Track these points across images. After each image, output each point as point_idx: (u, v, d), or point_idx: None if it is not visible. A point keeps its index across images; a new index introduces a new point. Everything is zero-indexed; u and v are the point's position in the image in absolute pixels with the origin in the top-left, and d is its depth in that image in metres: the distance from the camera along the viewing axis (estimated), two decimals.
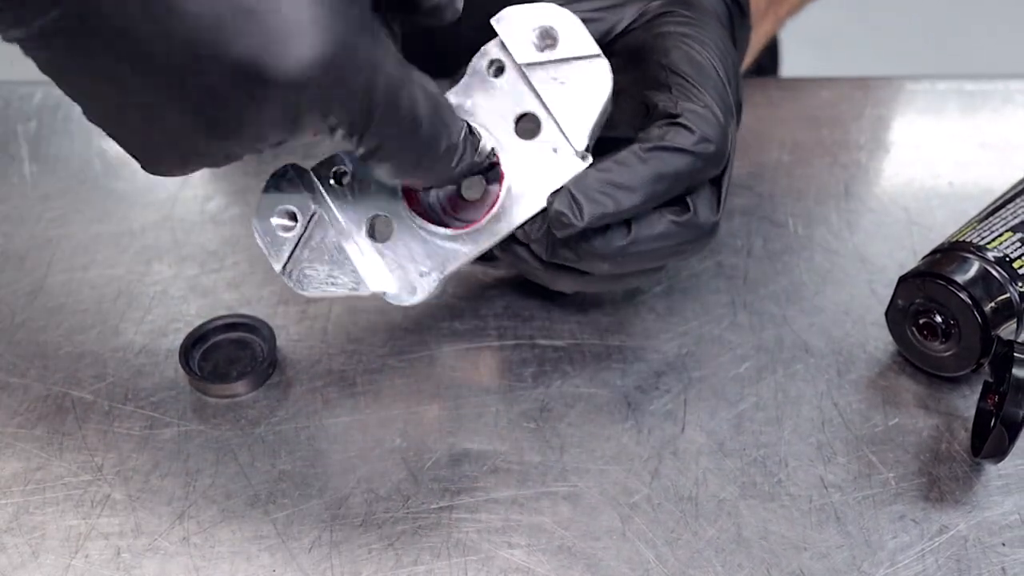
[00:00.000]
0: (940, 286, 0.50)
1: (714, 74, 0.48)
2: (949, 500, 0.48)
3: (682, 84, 0.48)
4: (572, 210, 0.46)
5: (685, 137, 0.46)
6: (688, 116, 0.47)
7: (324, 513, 0.48)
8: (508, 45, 0.48)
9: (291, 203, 0.49)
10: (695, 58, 0.48)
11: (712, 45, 0.49)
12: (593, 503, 0.48)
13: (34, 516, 0.47)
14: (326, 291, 0.49)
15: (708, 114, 0.47)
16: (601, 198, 0.46)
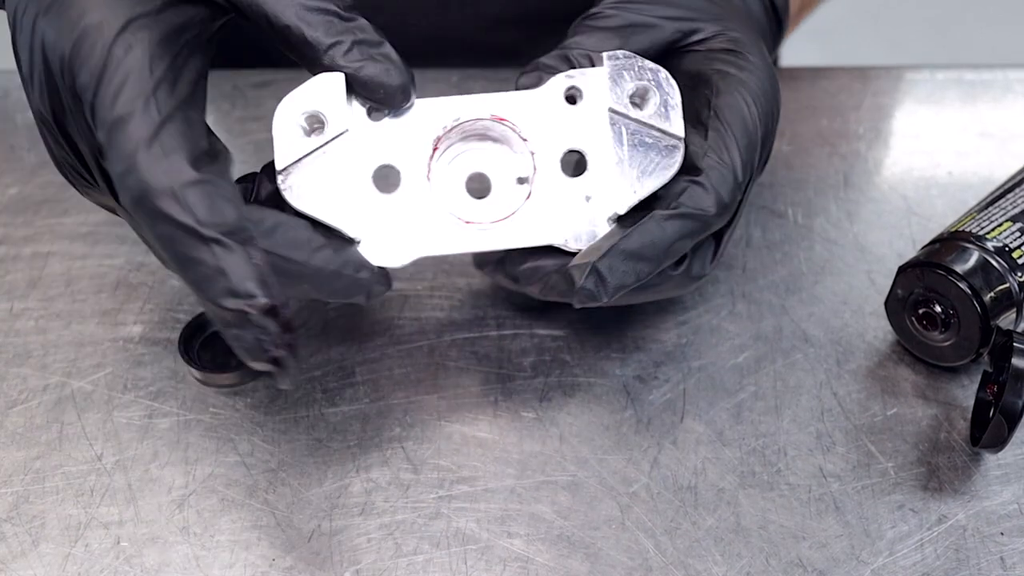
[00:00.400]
0: (939, 276, 0.50)
1: (751, 130, 0.48)
2: (948, 490, 0.48)
3: (718, 132, 0.47)
4: (598, 287, 0.46)
5: (703, 199, 0.46)
6: (710, 174, 0.47)
7: (324, 502, 0.48)
8: (604, 84, 0.47)
9: (326, 110, 0.46)
10: (741, 110, 0.48)
11: (762, 97, 0.49)
12: (592, 492, 0.48)
13: (34, 505, 0.47)
14: (312, 212, 0.46)
15: (728, 174, 0.47)
16: (624, 274, 0.46)
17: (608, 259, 0.46)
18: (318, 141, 0.46)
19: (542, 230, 0.47)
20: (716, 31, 0.51)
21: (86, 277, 0.57)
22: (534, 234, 0.47)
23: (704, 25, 0.51)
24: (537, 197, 0.47)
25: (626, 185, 0.47)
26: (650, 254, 0.46)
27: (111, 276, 0.57)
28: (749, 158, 0.48)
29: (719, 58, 0.50)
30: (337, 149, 0.46)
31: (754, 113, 0.48)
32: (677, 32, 0.50)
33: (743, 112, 0.48)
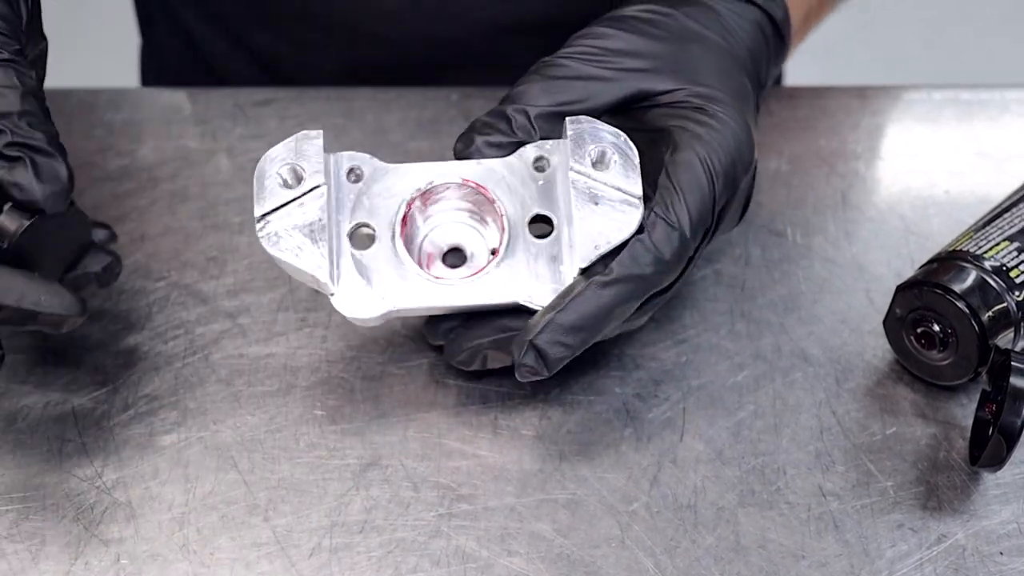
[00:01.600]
0: (937, 295, 0.51)
1: (704, 185, 0.48)
2: (947, 509, 0.48)
3: (667, 189, 0.48)
4: (538, 363, 0.47)
5: (641, 257, 0.47)
6: (652, 231, 0.48)
7: (324, 520, 0.48)
8: (567, 149, 0.49)
9: (304, 164, 0.49)
10: (694, 166, 0.49)
11: (722, 152, 0.49)
12: (592, 511, 0.48)
13: (34, 522, 0.47)
14: (288, 260, 0.48)
15: (673, 232, 0.48)
16: (564, 347, 0.47)
17: (546, 334, 0.47)
18: (295, 192, 0.49)
19: (509, 288, 0.49)
20: (679, 85, 0.51)
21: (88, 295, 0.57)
22: (501, 292, 0.49)
23: (668, 79, 0.51)
24: (505, 257, 0.50)
25: (587, 241, 0.49)
26: (588, 324, 0.48)
27: (112, 293, 0.57)
28: (701, 214, 0.48)
29: (682, 114, 0.51)
30: (314, 202, 0.49)
31: (711, 169, 0.49)
32: (633, 88, 0.51)
33: (696, 169, 0.49)
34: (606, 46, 0.52)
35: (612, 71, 0.51)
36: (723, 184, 0.49)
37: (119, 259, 0.53)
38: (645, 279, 0.48)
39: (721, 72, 0.52)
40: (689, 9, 0.54)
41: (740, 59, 0.54)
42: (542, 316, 0.48)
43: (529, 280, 0.49)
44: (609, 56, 0.52)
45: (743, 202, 0.52)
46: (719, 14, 0.54)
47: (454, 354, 0.51)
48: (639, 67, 0.51)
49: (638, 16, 0.53)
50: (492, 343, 0.50)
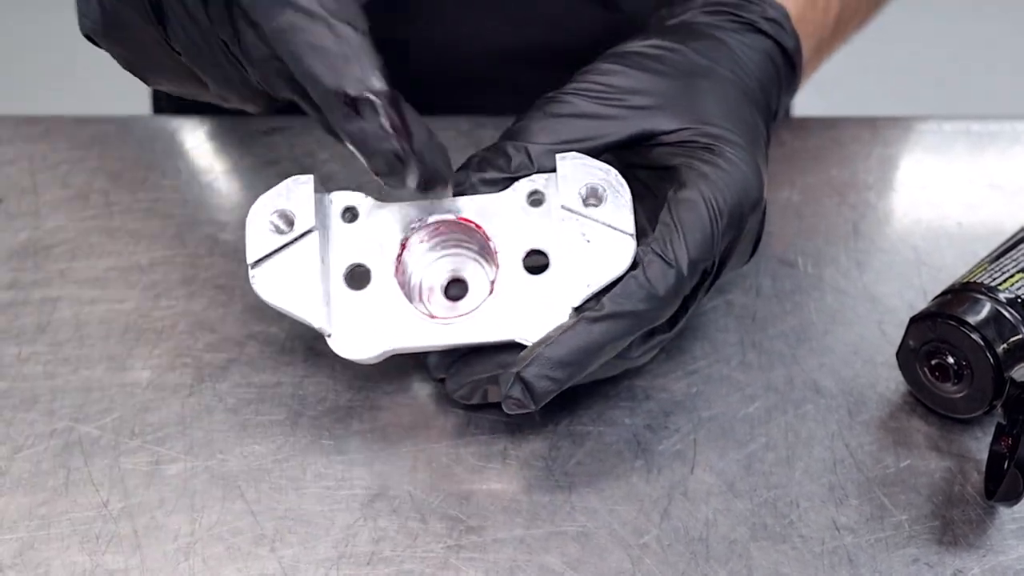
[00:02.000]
0: (952, 327, 0.50)
1: (707, 223, 0.48)
2: (963, 544, 0.48)
3: (667, 225, 0.48)
4: (524, 396, 0.47)
5: (634, 294, 0.47)
6: (648, 268, 0.47)
7: (331, 552, 0.47)
8: (558, 185, 0.49)
9: (295, 209, 0.49)
10: (697, 204, 0.48)
11: (728, 191, 0.49)
12: (602, 543, 0.48)
13: (39, 552, 0.47)
14: (281, 305, 0.49)
15: (669, 270, 0.47)
16: (551, 382, 0.47)
17: (533, 368, 0.47)
18: (286, 238, 0.49)
19: (504, 326, 0.49)
20: (687, 124, 0.50)
21: (95, 322, 0.57)
22: (496, 330, 0.49)
23: (675, 118, 0.50)
24: (500, 294, 0.50)
25: (579, 279, 0.48)
26: (577, 359, 0.47)
27: (120, 321, 0.57)
28: (700, 253, 0.48)
29: (689, 152, 0.50)
30: (306, 247, 0.49)
31: (715, 208, 0.48)
32: (639, 128, 0.51)
33: (699, 207, 0.48)
34: (611, 83, 0.51)
35: (617, 109, 0.51)
36: (727, 223, 0.49)
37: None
38: (637, 315, 0.47)
39: (730, 109, 0.52)
40: (697, 44, 0.53)
41: (750, 92, 0.53)
42: (531, 349, 0.48)
43: (524, 317, 0.49)
44: (614, 94, 0.51)
45: (752, 241, 0.52)
46: (729, 47, 0.54)
47: (454, 389, 0.51)
48: (645, 105, 0.51)
49: (644, 52, 0.53)
50: (491, 378, 0.50)
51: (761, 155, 0.52)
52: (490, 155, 0.51)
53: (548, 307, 0.49)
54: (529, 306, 0.49)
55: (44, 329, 0.56)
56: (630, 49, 0.53)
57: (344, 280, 0.50)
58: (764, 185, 0.51)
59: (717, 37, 0.54)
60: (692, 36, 0.54)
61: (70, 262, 0.60)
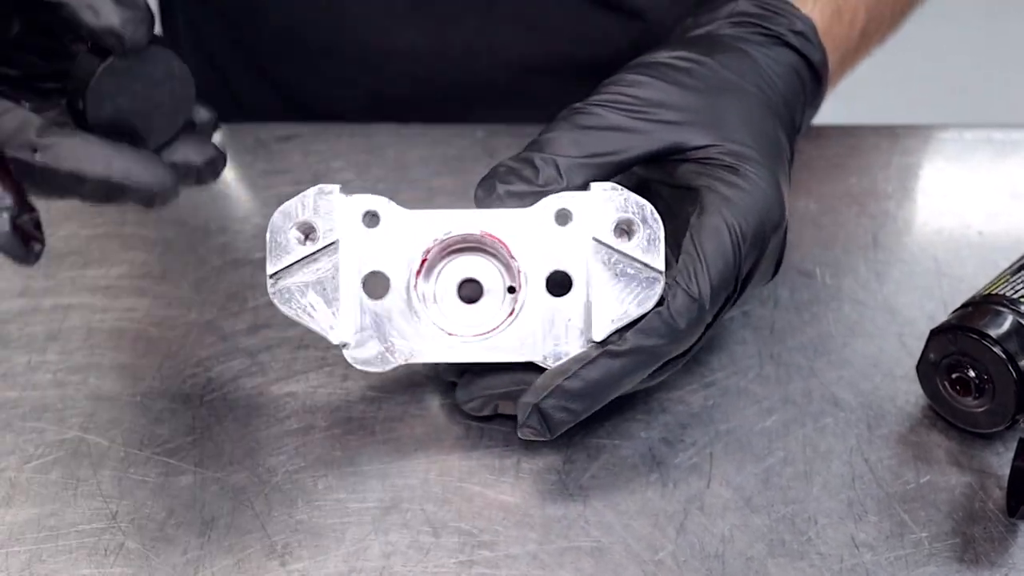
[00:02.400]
0: (973, 340, 0.49)
1: (728, 254, 0.47)
2: (984, 562, 0.47)
3: (690, 256, 0.47)
4: (541, 426, 0.47)
5: (657, 330, 0.47)
6: (672, 303, 0.47)
7: (342, 565, 0.47)
8: (591, 212, 0.48)
9: (319, 221, 0.48)
10: (720, 232, 0.47)
11: (751, 216, 0.48)
12: (617, 559, 0.47)
13: (47, 564, 0.47)
14: (299, 317, 0.49)
15: (692, 304, 0.47)
16: (568, 412, 0.47)
17: (552, 399, 0.47)
18: (308, 249, 0.48)
19: (522, 346, 0.49)
20: (712, 141, 0.50)
21: (105, 331, 0.56)
22: (514, 350, 0.49)
23: (701, 134, 0.50)
24: (521, 314, 0.49)
25: (604, 314, 0.48)
26: (595, 392, 0.47)
27: (131, 330, 0.56)
28: (723, 283, 0.47)
29: (712, 173, 0.49)
30: (327, 260, 0.48)
31: (737, 234, 0.48)
32: (665, 142, 0.50)
33: (722, 235, 0.47)
34: (639, 95, 0.50)
35: (645, 122, 0.50)
36: (749, 248, 0.48)
37: (224, 153, 0.48)
38: (658, 350, 0.47)
39: (755, 126, 0.51)
40: (724, 57, 0.53)
41: (775, 108, 0.52)
42: (550, 379, 0.47)
43: (542, 340, 0.49)
44: (642, 106, 0.50)
45: (774, 261, 0.51)
46: (755, 60, 0.53)
47: (466, 400, 0.50)
48: (672, 119, 0.50)
49: (672, 64, 0.52)
50: (504, 393, 0.49)
51: (783, 173, 0.51)
52: (517, 166, 0.49)
53: (568, 332, 0.48)
54: (549, 329, 0.49)
55: (55, 337, 0.56)
56: (657, 60, 0.52)
57: (362, 287, 0.49)
58: (786, 205, 0.50)
59: (743, 50, 0.53)
60: (718, 49, 0.53)
61: (81, 270, 0.60)
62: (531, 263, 0.49)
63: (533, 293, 0.49)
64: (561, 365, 0.48)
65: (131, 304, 0.57)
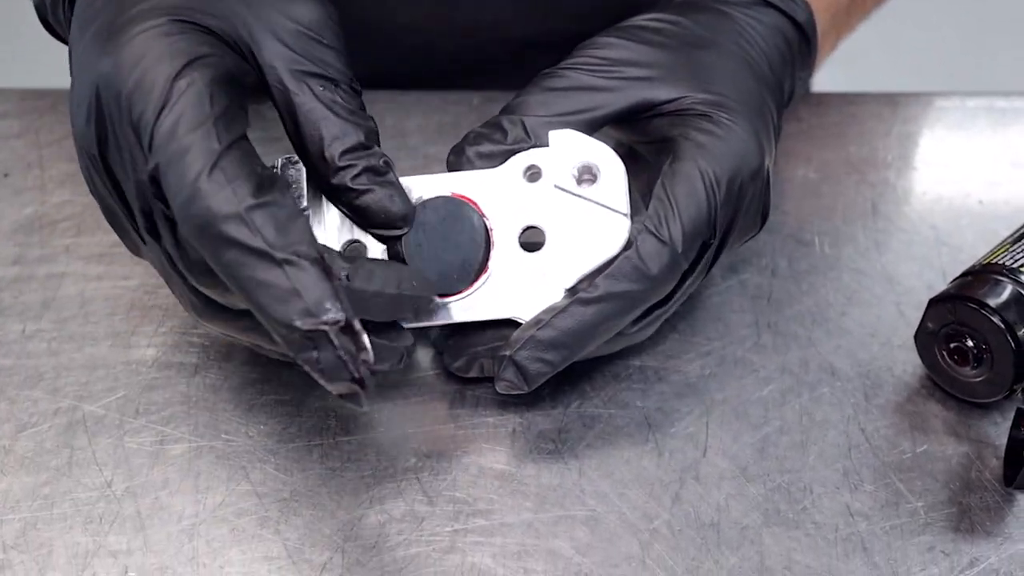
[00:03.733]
0: (972, 309, 0.49)
1: (701, 199, 0.47)
2: (980, 531, 0.47)
3: (661, 201, 0.47)
4: (517, 378, 0.47)
5: (628, 274, 0.46)
6: (641, 247, 0.47)
7: (336, 534, 0.47)
8: (552, 163, 0.48)
9: None
10: (691, 178, 0.47)
11: (726, 160, 0.48)
12: (612, 528, 0.47)
13: (41, 532, 0.47)
14: None
15: (663, 248, 0.47)
16: (543, 363, 0.47)
17: (525, 350, 0.47)
18: None
19: (499, 304, 0.49)
20: (683, 92, 0.49)
21: (100, 299, 0.56)
22: (491, 308, 0.49)
23: (673, 87, 0.50)
24: (495, 273, 0.49)
25: (573, 260, 0.48)
26: (570, 341, 0.47)
27: (125, 298, 0.56)
28: (695, 228, 0.47)
29: (686, 122, 0.49)
30: None
31: (711, 180, 0.47)
32: (636, 98, 0.50)
33: (694, 181, 0.47)
34: (608, 55, 0.51)
35: (614, 80, 0.50)
36: (725, 194, 0.48)
37: (409, 353, 0.49)
38: (631, 296, 0.47)
39: (730, 78, 0.51)
40: (700, 16, 0.52)
41: (755, 64, 0.52)
42: (524, 330, 0.47)
43: (518, 295, 0.48)
44: (611, 66, 0.50)
45: (758, 211, 0.51)
46: (734, 20, 0.52)
47: (451, 361, 0.50)
48: (642, 76, 0.50)
49: (644, 25, 0.52)
50: (488, 351, 0.49)
51: (762, 125, 0.50)
52: (486, 130, 0.50)
53: (544, 286, 0.48)
54: (524, 285, 0.49)
55: (49, 306, 0.56)
56: (630, 23, 0.53)
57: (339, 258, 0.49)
58: (765, 153, 0.50)
59: (721, 10, 0.53)
60: (695, 10, 0.53)
61: (75, 238, 0.59)
62: (502, 221, 0.49)
63: (507, 251, 0.49)
64: (535, 317, 0.48)
65: (125, 272, 0.57)
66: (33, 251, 0.58)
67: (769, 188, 0.51)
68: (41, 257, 0.58)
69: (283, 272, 0.40)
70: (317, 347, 0.40)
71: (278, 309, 0.40)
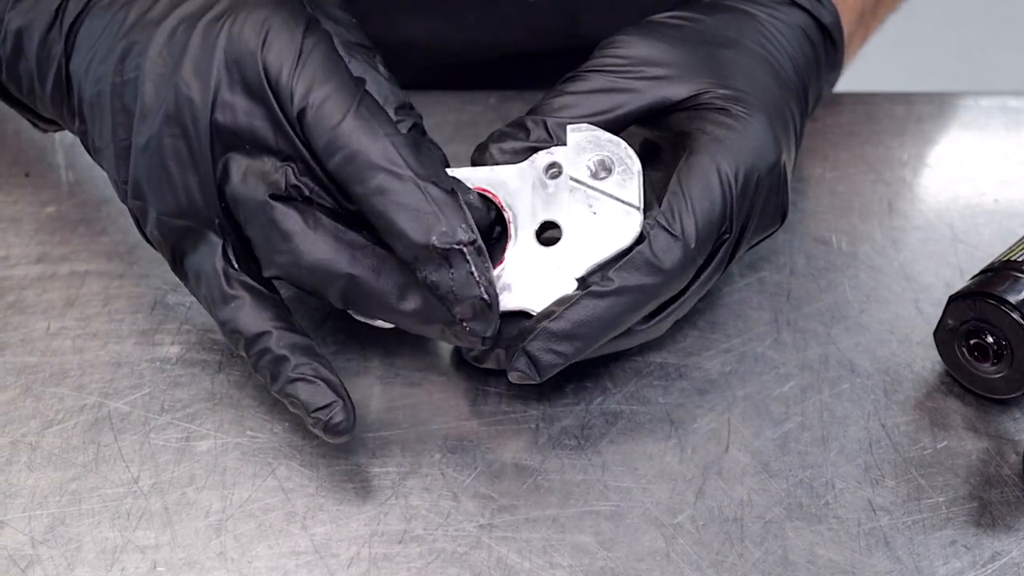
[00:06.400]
0: (992, 306, 0.49)
1: (716, 194, 0.47)
2: (1001, 526, 0.47)
3: (675, 195, 0.48)
4: (529, 369, 0.47)
5: (640, 268, 0.47)
6: (654, 242, 0.47)
7: (363, 529, 0.47)
8: (567, 156, 0.49)
9: None
10: (706, 172, 0.48)
11: (743, 155, 0.48)
12: (636, 523, 0.47)
13: (70, 528, 0.47)
14: None
15: (675, 243, 0.47)
16: (556, 355, 0.47)
17: (538, 341, 0.47)
18: None
19: (514, 296, 0.49)
20: (703, 88, 0.50)
21: (124, 297, 0.56)
22: (507, 299, 0.49)
23: (692, 84, 0.50)
24: (511, 265, 0.49)
25: (584, 252, 0.48)
26: (582, 333, 0.47)
27: (148, 296, 0.56)
28: (709, 223, 0.47)
29: (703, 116, 0.50)
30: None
31: (726, 174, 0.48)
32: (655, 97, 0.50)
33: (708, 176, 0.48)
34: (628, 55, 0.51)
35: (634, 80, 0.51)
36: (741, 190, 0.48)
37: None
38: (644, 290, 0.47)
39: (749, 74, 0.51)
40: (723, 15, 0.53)
41: (777, 65, 0.52)
42: (536, 322, 0.48)
43: (534, 288, 0.49)
44: (632, 66, 0.51)
45: (776, 207, 0.51)
46: (758, 20, 0.53)
47: (468, 350, 0.51)
48: (662, 75, 0.51)
49: (664, 23, 0.52)
50: (504, 341, 0.49)
51: (779, 121, 0.51)
52: (510, 129, 0.51)
53: (557, 278, 0.49)
54: (539, 277, 0.49)
55: (73, 303, 0.56)
56: (651, 20, 0.53)
57: None
58: (781, 147, 0.50)
59: (744, 10, 0.53)
60: (719, 10, 0.53)
61: (97, 236, 0.60)
62: (521, 215, 0.50)
63: (524, 244, 0.49)
64: (547, 308, 0.48)
65: (147, 270, 0.57)
66: (56, 250, 0.59)
67: (787, 185, 0.51)
68: (63, 255, 0.58)
69: (425, 196, 0.44)
70: (452, 265, 0.44)
71: (418, 230, 0.44)
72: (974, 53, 1.86)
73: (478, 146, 0.52)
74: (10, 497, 0.48)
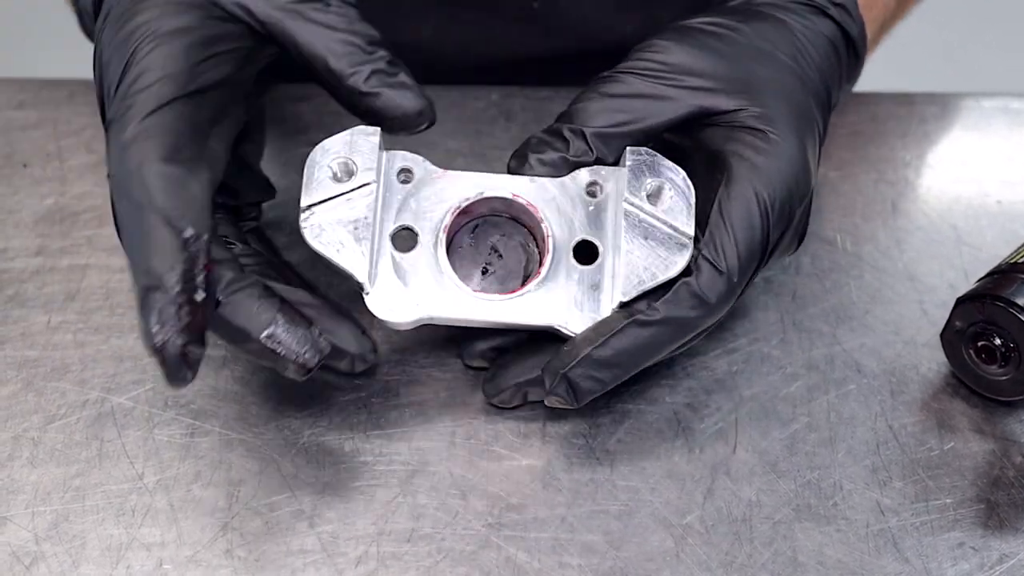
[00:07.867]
0: (1000, 308, 0.49)
1: (756, 225, 0.47)
2: (1008, 527, 0.47)
3: (719, 228, 0.47)
4: (568, 395, 0.47)
5: (686, 301, 0.47)
6: (700, 276, 0.47)
7: (370, 528, 0.47)
8: (623, 179, 0.48)
9: (358, 160, 0.48)
10: (748, 203, 0.47)
11: (778, 182, 0.48)
12: (645, 523, 0.47)
13: (74, 525, 0.46)
14: (327, 254, 0.48)
15: (720, 278, 0.47)
16: (596, 382, 0.47)
17: (580, 368, 0.46)
18: (344, 187, 0.48)
19: (545, 311, 0.48)
20: (740, 105, 0.49)
21: (125, 290, 0.56)
22: (538, 314, 0.48)
23: (727, 98, 0.50)
24: (546, 279, 0.48)
25: (632, 276, 0.48)
26: (624, 361, 0.47)
27: None
28: (750, 255, 0.47)
29: (739, 137, 0.49)
30: (361, 200, 0.48)
31: (765, 204, 0.48)
32: (694, 107, 0.50)
33: (750, 206, 0.47)
34: (667, 60, 0.50)
35: (673, 88, 0.50)
36: (777, 218, 0.48)
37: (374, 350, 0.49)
38: (687, 323, 0.47)
39: (785, 94, 0.50)
40: (759, 25, 0.52)
41: (809, 81, 0.52)
42: (578, 347, 0.47)
43: (567, 306, 0.48)
44: (670, 73, 0.50)
45: (799, 231, 0.51)
46: (791, 30, 0.52)
47: (493, 394, 0.50)
48: (700, 86, 0.50)
49: (704, 29, 0.51)
50: (530, 382, 0.49)
51: (811, 142, 0.50)
52: (548, 138, 0.50)
53: (593, 298, 0.48)
54: (574, 295, 0.48)
55: (73, 297, 0.55)
56: (690, 24, 0.52)
57: (391, 240, 0.49)
58: (812, 175, 0.50)
59: (780, 19, 0.52)
60: (754, 16, 0.52)
61: (97, 229, 0.59)
62: (559, 230, 0.49)
63: (561, 259, 0.49)
64: (587, 333, 0.47)
65: None
66: (55, 242, 0.58)
67: (810, 209, 0.51)
68: (63, 248, 0.58)
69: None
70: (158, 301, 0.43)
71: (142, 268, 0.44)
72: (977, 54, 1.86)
73: (515, 153, 0.50)
74: (13, 493, 0.47)
